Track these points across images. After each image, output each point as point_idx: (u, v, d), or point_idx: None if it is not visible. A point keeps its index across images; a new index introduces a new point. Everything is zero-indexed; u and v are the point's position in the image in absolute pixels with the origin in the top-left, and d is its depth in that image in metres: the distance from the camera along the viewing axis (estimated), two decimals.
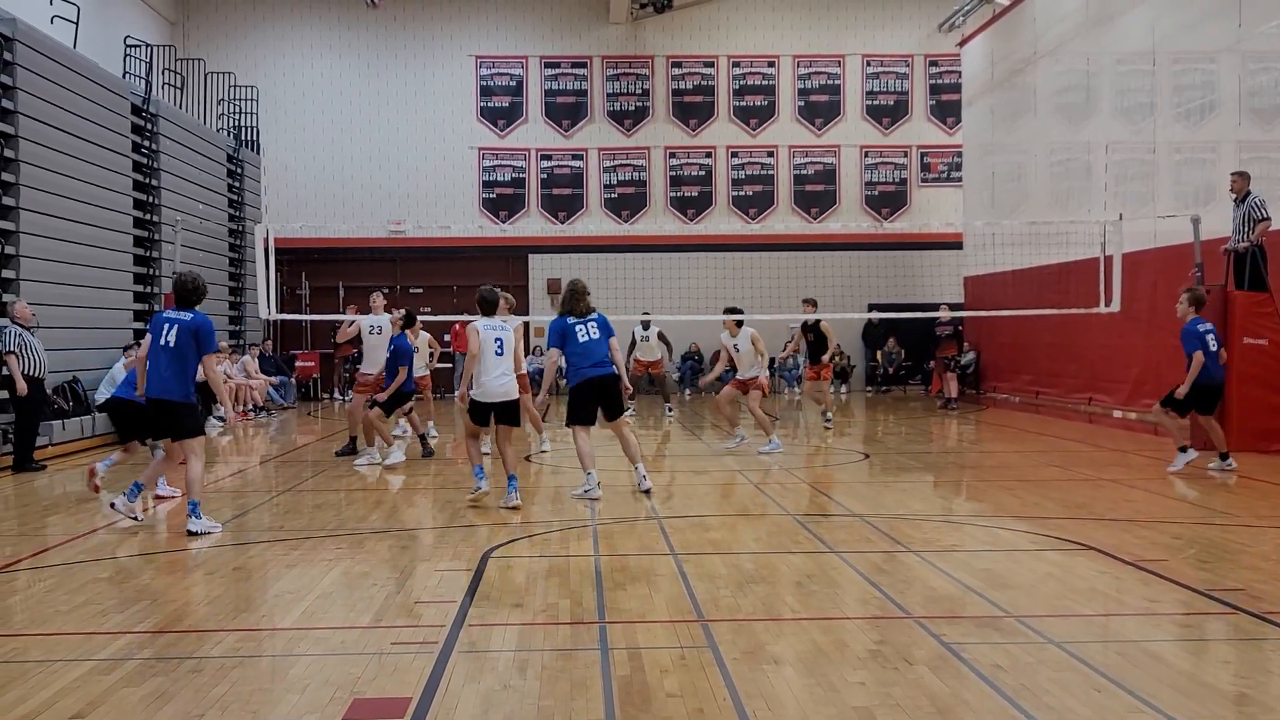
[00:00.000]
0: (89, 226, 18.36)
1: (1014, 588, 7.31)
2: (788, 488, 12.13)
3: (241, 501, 11.37)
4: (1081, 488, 11.88)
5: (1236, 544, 8.67)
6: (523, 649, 6.03)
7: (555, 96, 30.35)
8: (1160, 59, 18.93)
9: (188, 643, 6.22)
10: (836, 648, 5.96)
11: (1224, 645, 6.18)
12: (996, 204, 25.88)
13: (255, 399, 22.86)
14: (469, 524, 10.00)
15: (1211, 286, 15.00)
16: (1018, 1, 24.84)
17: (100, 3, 23.60)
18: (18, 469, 14.14)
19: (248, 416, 22.16)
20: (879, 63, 30.77)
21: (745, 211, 30.43)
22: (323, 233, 27.10)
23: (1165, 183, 18.77)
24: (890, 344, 29.57)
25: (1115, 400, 20.19)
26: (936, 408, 23.45)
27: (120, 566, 8.37)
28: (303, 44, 29.92)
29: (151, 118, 21.48)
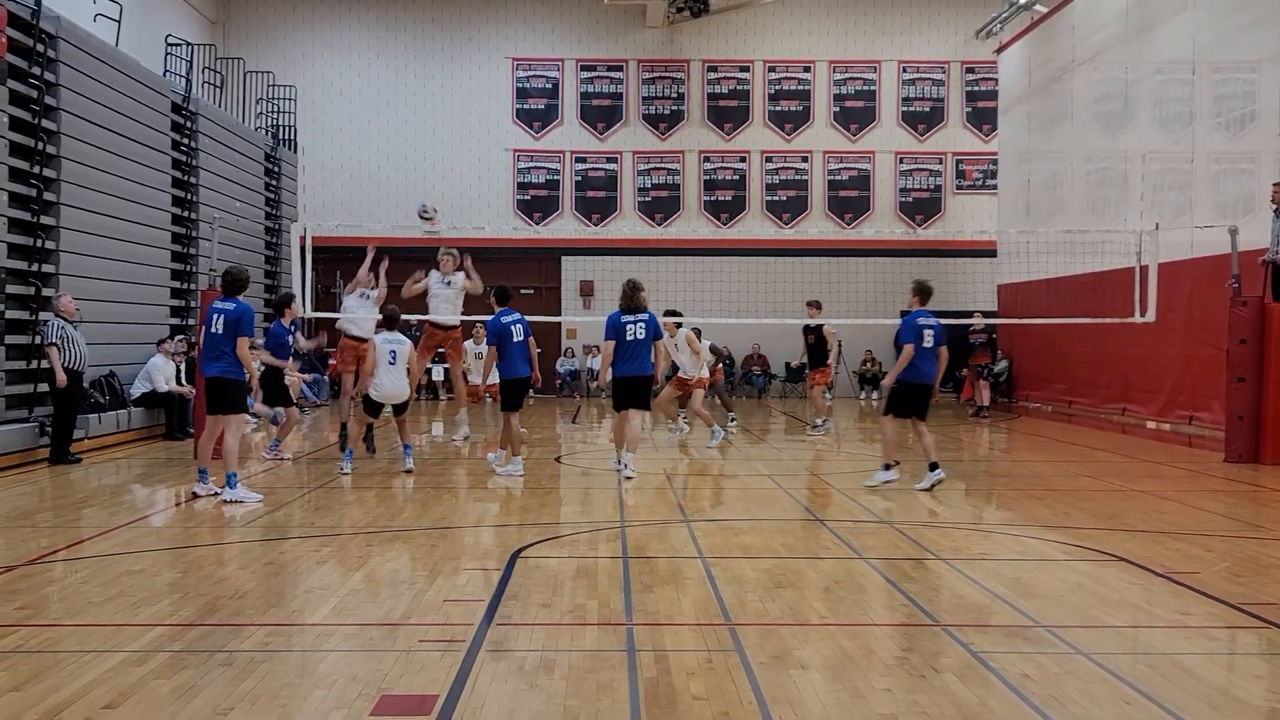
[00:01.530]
0: (128, 223, 18.53)
1: (1043, 597, 7.28)
2: (817, 493, 12.11)
3: (274, 497, 11.44)
4: (1113, 498, 11.81)
5: (1270, 558, 8.60)
6: (549, 649, 6.05)
7: (590, 99, 30.41)
8: (1200, 68, 18.79)
9: (218, 636, 6.28)
10: (863, 654, 5.96)
11: (1257, 659, 6.13)
12: (1032, 212, 25.75)
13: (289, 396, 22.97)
14: (499, 523, 10.04)
15: (1249, 298, 14.88)
16: (1056, 9, 24.72)
17: (142, 2, 23.81)
18: (54, 461, 14.29)
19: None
20: (915, 69, 30.67)
21: (779, 216, 30.39)
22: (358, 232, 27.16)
23: (1203, 193, 18.62)
24: None
25: (1149, 411, 20.05)
26: (968, 416, 23.34)
27: (153, 559, 8.45)
28: (341, 44, 30.11)
29: (191, 116, 21.66)
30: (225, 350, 11.25)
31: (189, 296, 20.86)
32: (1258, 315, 14.69)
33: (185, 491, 12.34)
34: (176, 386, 17.65)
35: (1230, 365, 14.88)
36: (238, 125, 24.84)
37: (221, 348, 11.25)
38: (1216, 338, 16.12)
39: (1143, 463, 15.23)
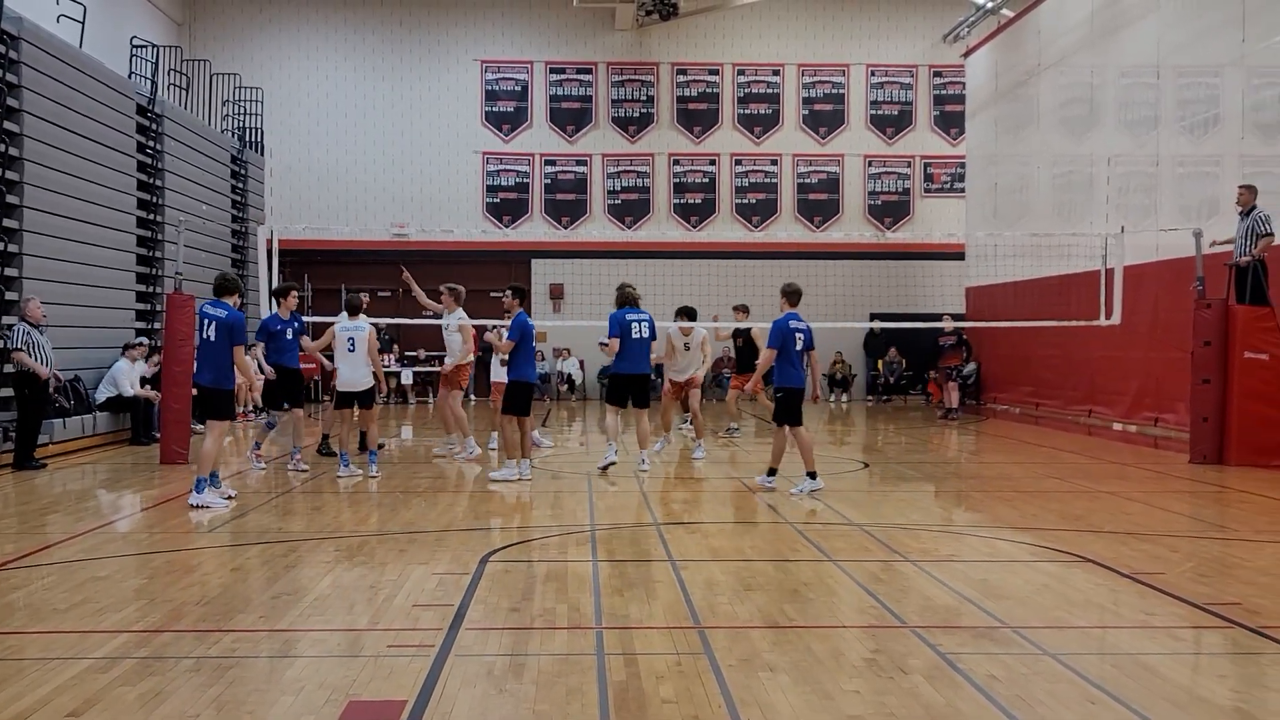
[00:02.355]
0: (93, 226, 18.38)
1: (1010, 598, 7.32)
2: (786, 496, 12.13)
3: (240, 502, 11.37)
4: (1080, 499, 11.89)
5: (1234, 558, 8.67)
6: (519, 653, 6.04)
7: (560, 102, 30.40)
8: (1164, 72, 18.96)
9: (185, 643, 6.23)
10: (832, 656, 5.97)
11: (1220, 659, 6.19)
12: (999, 215, 25.91)
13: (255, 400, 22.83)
14: (468, 528, 10.02)
15: (1214, 300, 15.02)
16: (1023, 13, 24.89)
17: (107, 3, 23.62)
18: (18, 466, 14.15)
19: (247, 418, 22.15)
20: (883, 73, 30.81)
21: (748, 219, 30.46)
22: (326, 235, 27.10)
23: (1168, 196, 18.79)
24: (891, 354, 29.56)
25: (1115, 413, 20.21)
26: (936, 418, 23.45)
27: (119, 565, 8.38)
28: (308, 46, 29.98)
29: (157, 118, 21.50)
30: (220, 358, 11.12)
31: (154, 300, 20.71)
32: (1222, 317, 14.82)
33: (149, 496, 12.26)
34: (142, 391, 17.50)
35: (1195, 367, 15.00)
36: (204, 128, 24.68)
37: (213, 355, 11.13)
38: (1181, 340, 16.26)
39: (1109, 464, 15.33)
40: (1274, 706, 5.28)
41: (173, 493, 12.31)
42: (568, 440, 19.23)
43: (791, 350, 12.03)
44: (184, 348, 15.20)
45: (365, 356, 13.34)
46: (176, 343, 15.16)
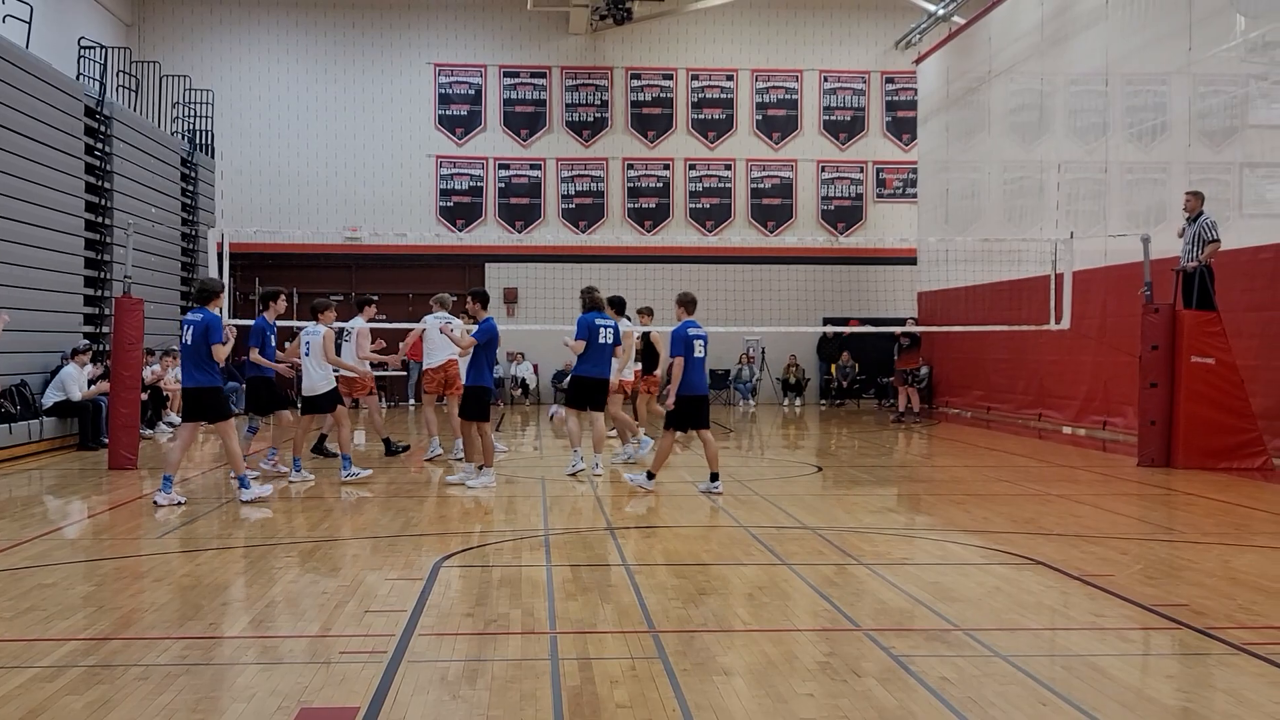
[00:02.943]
0: (40, 229, 18.14)
1: (962, 601, 7.37)
2: (741, 500, 12.16)
3: (191, 508, 11.25)
4: (1030, 502, 11.99)
5: (1182, 560, 8.78)
6: (472, 659, 6.01)
7: (514, 106, 30.34)
8: (1113, 80, 19.20)
9: (133, 650, 6.16)
10: (786, 659, 5.99)
11: (1168, 660, 6.26)
12: (951, 220, 26.12)
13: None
14: (422, 533, 9.96)
15: (1161, 305, 15.21)
16: (973, 21, 25.11)
17: (55, 4, 23.35)
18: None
19: None
20: (836, 78, 30.98)
21: (702, 224, 30.53)
22: (277, 238, 26.93)
23: (1116, 202, 19.02)
24: (844, 358, 29.72)
25: (1064, 416, 20.42)
26: (889, 421, 23.58)
27: (67, 573, 8.26)
28: (260, 48, 29.74)
29: (105, 120, 21.26)
30: (200, 360, 11.43)
31: (103, 304, 20.46)
32: (1169, 322, 15.01)
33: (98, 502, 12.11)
34: (88, 392, 17.25)
35: (1143, 371, 15.19)
36: (153, 130, 24.43)
37: (195, 359, 11.44)
38: (1129, 344, 16.45)
39: (1058, 467, 15.49)
40: (1220, 706, 5.35)
41: (122, 498, 12.18)
42: (522, 444, 19.17)
43: (691, 357, 12.27)
44: (132, 351, 15.05)
45: (319, 360, 13.34)
46: (125, 347, 14.99)
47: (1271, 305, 15.20)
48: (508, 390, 28.95)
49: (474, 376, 12.98)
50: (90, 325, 20.21)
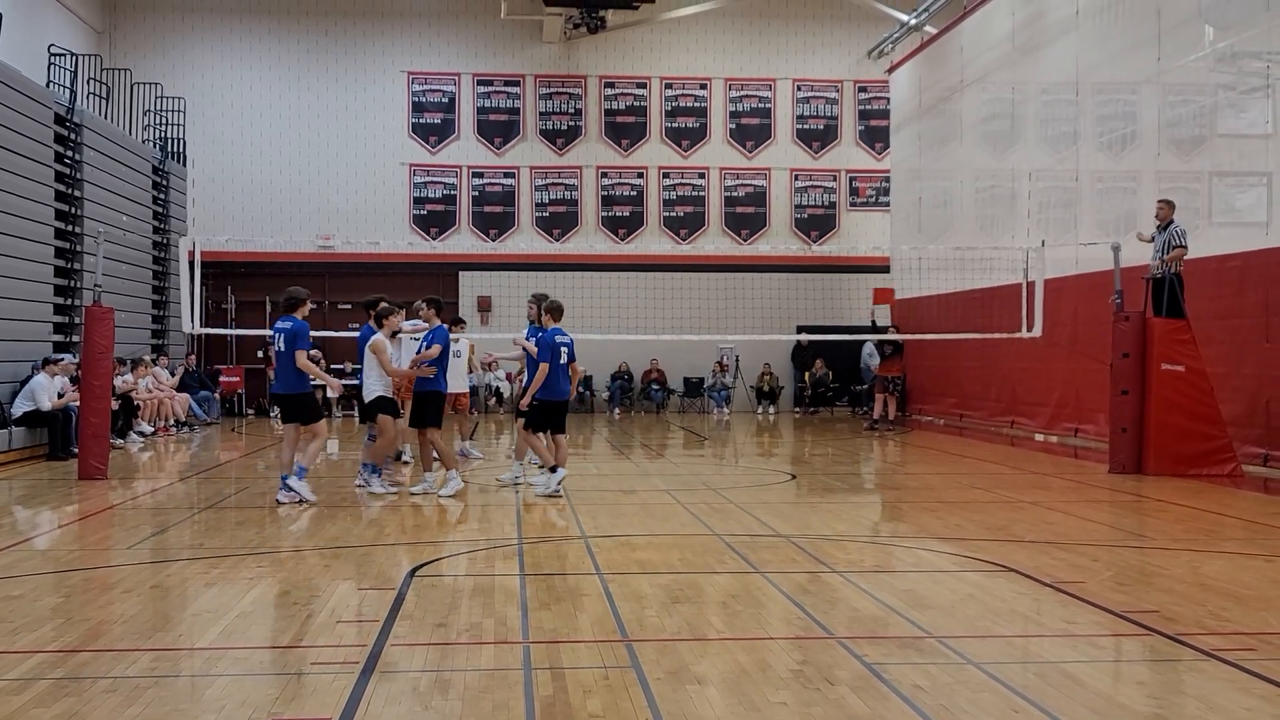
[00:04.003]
0: (8, 237, 18.01)
1: (935, 608, 7.39)
2: (714, 508, 12.16)
3: (161, 518, 11.17)
4: (1002, 509, 12.04)
5: (1152, 566, 8.83)
6: (445, 669, 5.98)
7: (487, 114, 30.31)
8: (1083, 90, 19.33)
9: (102, 662, 6.10)
10: (760, 668, 5.99)
11: (1139, 666, 6.29)
12: (923, 229, 26.23)
13: (176, 413, 22.49)
14: (394, 542, 9.92)
15: (1131, 313, 15.31)
16: (945, 30, 25.25)
17: (24, 10, 23.18)
18: None
19: (169, 432, 21.80)
20: (809, 87, 31.09)
21: (676, 232, 30.56)
22: (250, 246, 26.73)
23: (1087, 210, 19.14)
24: (818, 366, 29.79)
25: (1036, 424, 20.52)
26: (863, 429, 23.64)
27: (35, 584, 8.19)
28: (232, 55, 29.61)
29: (76, 128, 21.13)
30: (291, 366, 12.04)
31: (73, 312, 20.31)
32: (1139, 330, 15.11)
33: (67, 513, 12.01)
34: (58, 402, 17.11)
35: (1114, 379, 15.28)
36: (124, 138, 24.29)
37: (287, 364, 12.07)
38: (1100, 352, 16.55)
39: (1030, 474, 15.56)
40: (1190, 712, 5.38)
41: (90, 509, 12.09)
42: (496, 453, 19.12)
43: (556, 363, 12.67)
44: (103, 361, 14.93)
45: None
46: (95, 356, 14.86)
47: (1239, 313, 15.33)
48: (482, 399, 28.87)
49: (426, 383, 12.86)
50: (60, 334, 20.06)
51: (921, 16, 26.92)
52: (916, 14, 27.05)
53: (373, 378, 12.93)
